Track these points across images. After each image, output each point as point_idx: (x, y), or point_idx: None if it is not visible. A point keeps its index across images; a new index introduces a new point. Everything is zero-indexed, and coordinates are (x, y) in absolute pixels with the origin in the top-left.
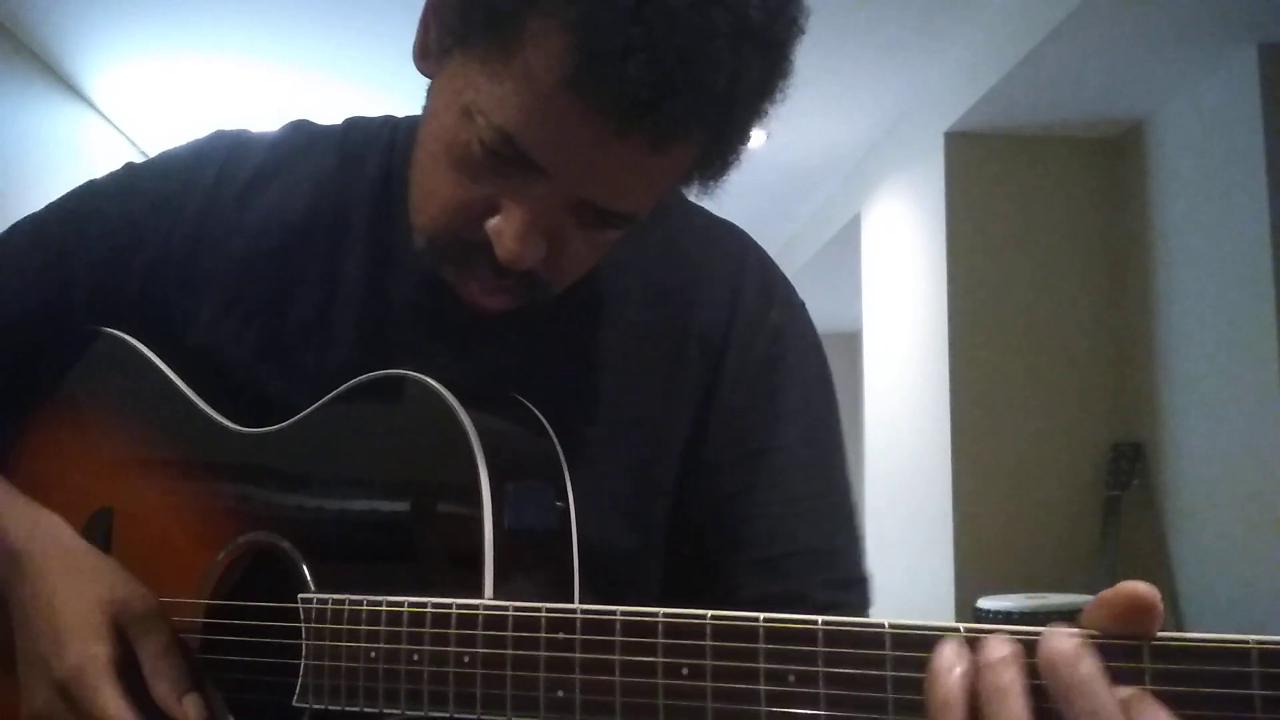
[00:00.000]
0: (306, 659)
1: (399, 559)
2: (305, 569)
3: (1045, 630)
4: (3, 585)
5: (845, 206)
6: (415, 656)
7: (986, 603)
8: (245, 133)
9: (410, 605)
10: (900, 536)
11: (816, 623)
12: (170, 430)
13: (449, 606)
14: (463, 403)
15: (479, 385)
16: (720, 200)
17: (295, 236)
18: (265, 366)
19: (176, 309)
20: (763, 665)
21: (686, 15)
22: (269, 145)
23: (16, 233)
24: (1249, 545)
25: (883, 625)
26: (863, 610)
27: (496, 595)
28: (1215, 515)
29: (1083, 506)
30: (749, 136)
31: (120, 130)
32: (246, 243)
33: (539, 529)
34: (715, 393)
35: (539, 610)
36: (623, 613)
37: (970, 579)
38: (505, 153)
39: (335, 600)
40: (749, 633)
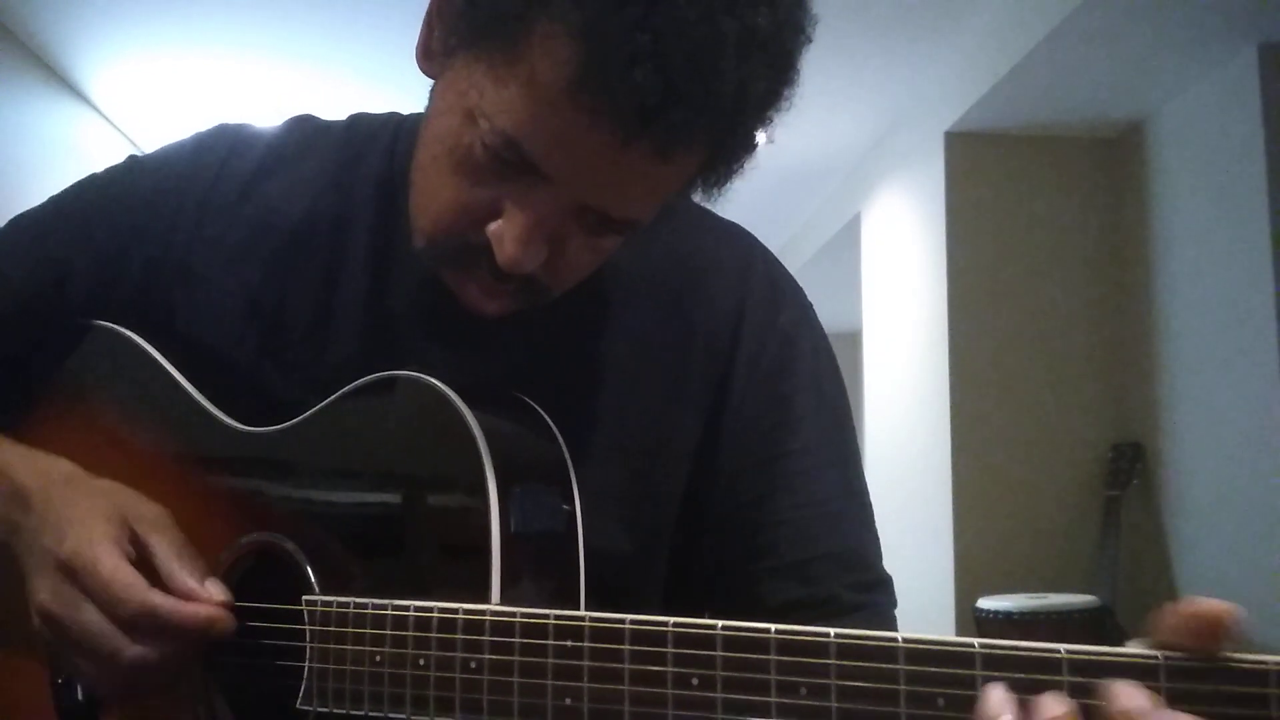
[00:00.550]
0: (310, 661)
1: (403, 562)
2: (310, 570)
3: (1113, 688)
4: (7, 528)
5: (845, 206)
6: (421, 661)
7: (986, 602)
8: (247, 127)
9: (416, 609)
10: (900, 536)
11: (829, 635)
12: (172, 427)
13: (455, 611)
14: (469, 404)
15: (485, 386)
16: (720, 200)
17: (297, 233)
18: (266, 363)
19: (177, 303)
20: (774, 677)
21: (694, 23)
22: (271, 140)
23: (16, 227)
24: (1249, 545)
25: (896, 640)
26: (891, 611)
27: (503, 599)
28: (1215, 515)
29: (1083, 506)
30: (755, 144)
31: (119, 129)
32: (247, 238)
33: (545, 532)
34: (727, 398)
35: (547, 617)
36: (632, 621)
37: (970, 579)
38: (508, 157)
39: (340, 603)
40: (760, 644)
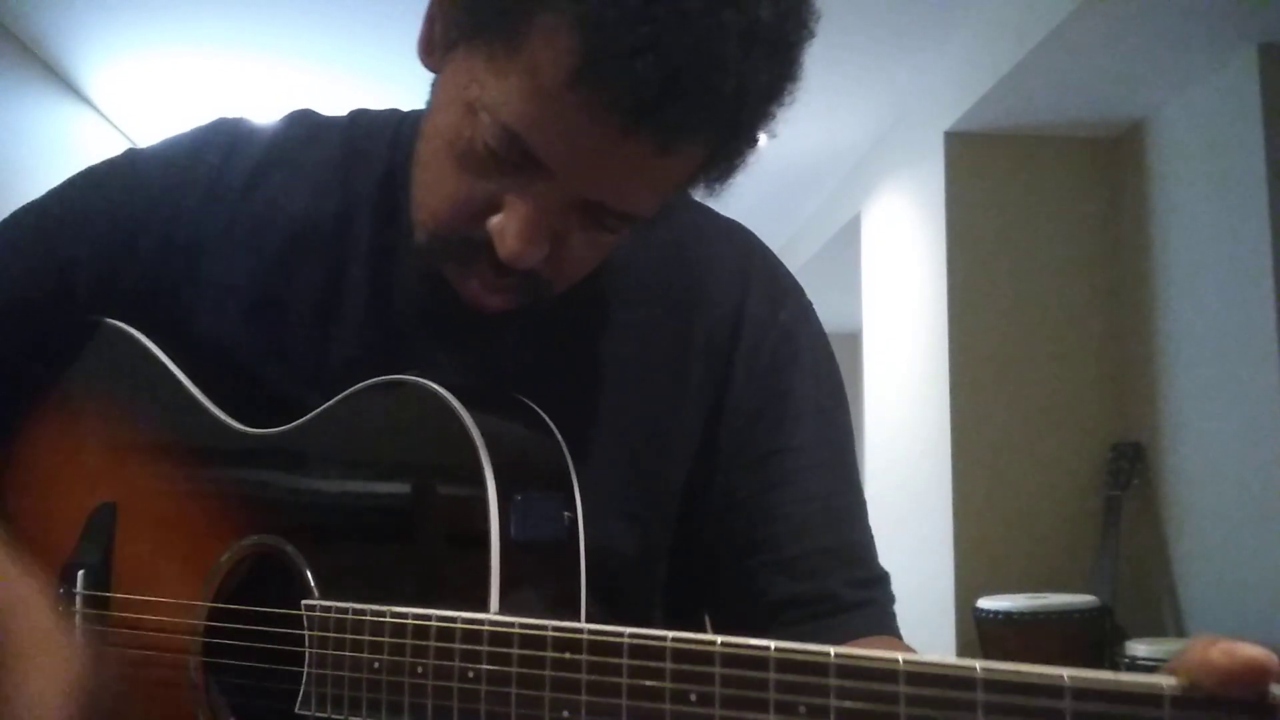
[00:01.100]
0: (309, 667)
1: (403, 567)
2: (309, 574)
3: None
4: None
5: (845, 206)
6: (419, 669)
7: (986, 602)
8: (247, 121)
9: (415, 617)
10: (900, 536)
11: (829, 655)
12: (173, 426)
13: (454, 620)
14: (471, 408)
15: (486, 389)
16: (720, 199)
17: (299, 229)
18: (267, 361)
19: (178, 300)
20: (773, 695)
21: (697, 15)
22: (272, 135)
23: (15, 221)
24: (1249, 545)
25: (897, 661)
26: (891, 608)
27: (502, 607)
28: (1215, 515)
29: (1083, 506)
30: (757, 140)
31: (117, 127)
32: (249, 233)
33: (546, 540)
34: (726, 395)
35: (545, 628)
36: (630, 634)
37: (970, 578)
38: (509, 150)
39: (339, 608)
40: (760, 661)
